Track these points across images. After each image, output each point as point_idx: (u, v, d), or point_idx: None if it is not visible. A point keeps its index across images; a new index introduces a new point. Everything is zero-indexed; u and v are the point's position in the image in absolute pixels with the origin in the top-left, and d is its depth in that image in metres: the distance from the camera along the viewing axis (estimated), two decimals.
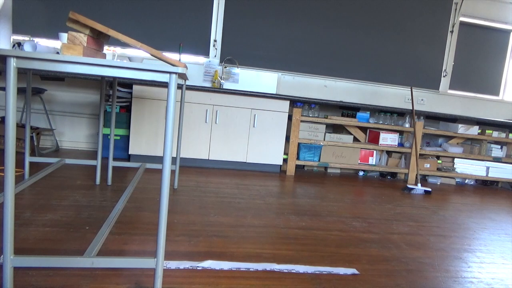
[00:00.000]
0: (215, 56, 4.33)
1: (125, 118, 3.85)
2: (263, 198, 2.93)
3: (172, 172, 3.46)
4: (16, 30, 3.87)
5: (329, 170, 4.47)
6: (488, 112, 5.13)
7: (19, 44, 2.28)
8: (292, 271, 1.71)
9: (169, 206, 2.47)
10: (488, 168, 4.50)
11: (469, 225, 2.78)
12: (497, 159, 4.52)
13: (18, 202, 2.24)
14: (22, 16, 3.88)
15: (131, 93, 3.88)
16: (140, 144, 3.70)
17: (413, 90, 4.14)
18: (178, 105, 3.74)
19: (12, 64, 1.21)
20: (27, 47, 1.58)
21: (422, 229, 2.55)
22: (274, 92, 4.46)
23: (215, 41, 4.30)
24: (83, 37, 1.39)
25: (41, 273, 1.46)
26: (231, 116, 3.81)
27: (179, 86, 3.65)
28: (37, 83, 4.04)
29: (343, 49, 4.60)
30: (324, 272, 1.73)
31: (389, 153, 4.50)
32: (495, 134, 4.50)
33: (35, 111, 4.06)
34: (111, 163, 2.85)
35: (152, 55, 1.53)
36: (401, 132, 4.49)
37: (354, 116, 4.32)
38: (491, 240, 2.50)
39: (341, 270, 1.77)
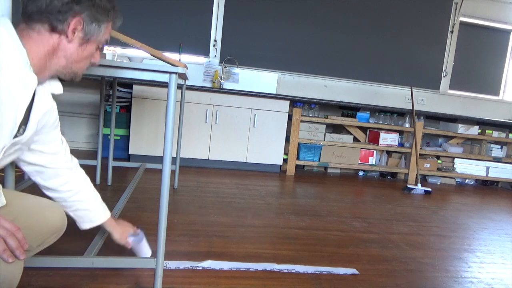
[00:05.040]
0: (215, 56, 4.33)
1: (125, 118, 3.85)
2: (263, 198, 2.93)
3: (172, 172, 3.45)
4: None
5: (329, 170, 4.47)
6: (488, 112, 5.13)
7: None
8: (292, 271, 1.71)
9: (169, 206, 2.47)
10: (488, 168, 4.49)
11: (469, 225, 2.78)
12: (497, 159, 4.52)
13: None
14: None
15: (131, 93, 3.88)
16: (140, 144, 3.70)
17: (413, 90, 4.13)
18: (178, 105, 3.74)
19: None
20: None
21: (422, 229, 2.55)
22: (274, 92, 4.46)
23: (215, 41, 4.30)
24: None
25: (41, 273, 1.46)
26: (231, 116, 3.81)
27: (179, 86, 3.64)
28: None
29: (343, 49, 4.60)
30: (324, 272, 1.73)
31: (389, 153, 4.50)
32: (495, 134, 4.50)
33: None
34: (111, 163, 2.85)
35: (152, 55, 1.53)
36: (401, 132, 4.49)
37: (354, 116, 4.32)
38: (491, 240, 2.50)
39: (341, 270, 1.77)
